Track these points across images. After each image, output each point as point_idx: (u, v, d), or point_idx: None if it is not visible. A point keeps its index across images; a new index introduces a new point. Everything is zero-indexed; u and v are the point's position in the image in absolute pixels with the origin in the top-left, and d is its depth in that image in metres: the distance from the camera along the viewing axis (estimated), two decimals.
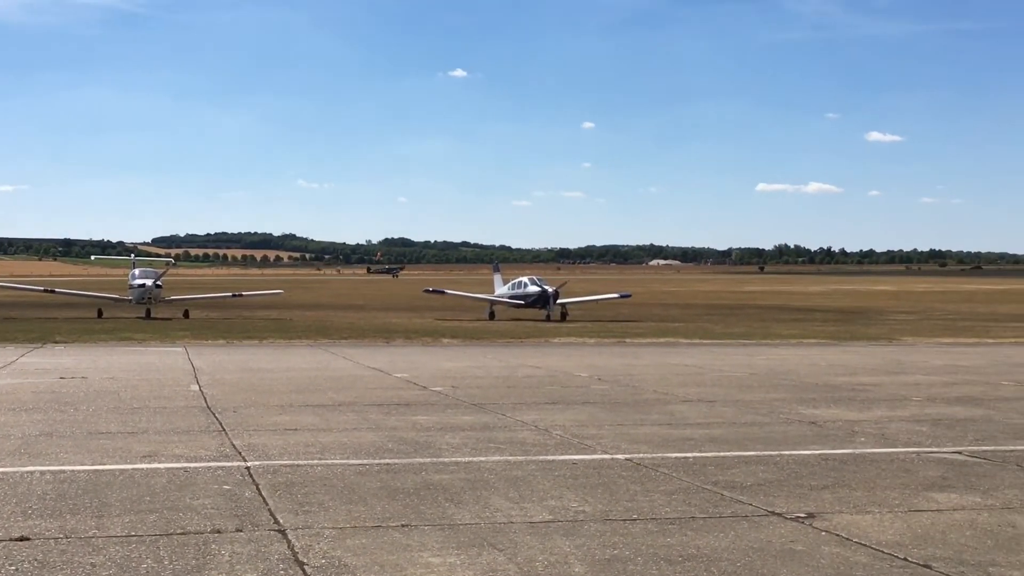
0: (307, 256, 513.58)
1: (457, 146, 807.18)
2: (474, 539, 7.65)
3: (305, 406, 15.50)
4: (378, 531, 7.85)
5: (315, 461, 10.84)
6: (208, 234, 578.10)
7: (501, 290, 59.40)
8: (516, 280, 58.17)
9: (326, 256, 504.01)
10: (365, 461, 10.85)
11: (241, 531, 7.81)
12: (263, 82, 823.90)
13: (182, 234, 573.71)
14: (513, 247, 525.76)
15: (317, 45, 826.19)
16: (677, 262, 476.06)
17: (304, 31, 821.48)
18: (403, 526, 8.01)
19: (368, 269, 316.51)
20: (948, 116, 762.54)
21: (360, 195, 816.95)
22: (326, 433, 12.79)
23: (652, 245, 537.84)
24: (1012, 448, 12.04)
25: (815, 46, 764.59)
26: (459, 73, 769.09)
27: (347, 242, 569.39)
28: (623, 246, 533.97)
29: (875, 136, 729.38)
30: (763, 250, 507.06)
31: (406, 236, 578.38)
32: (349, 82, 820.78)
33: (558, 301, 53.52)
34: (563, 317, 52.33)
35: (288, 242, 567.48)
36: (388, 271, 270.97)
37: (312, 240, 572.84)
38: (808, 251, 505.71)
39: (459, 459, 11.05)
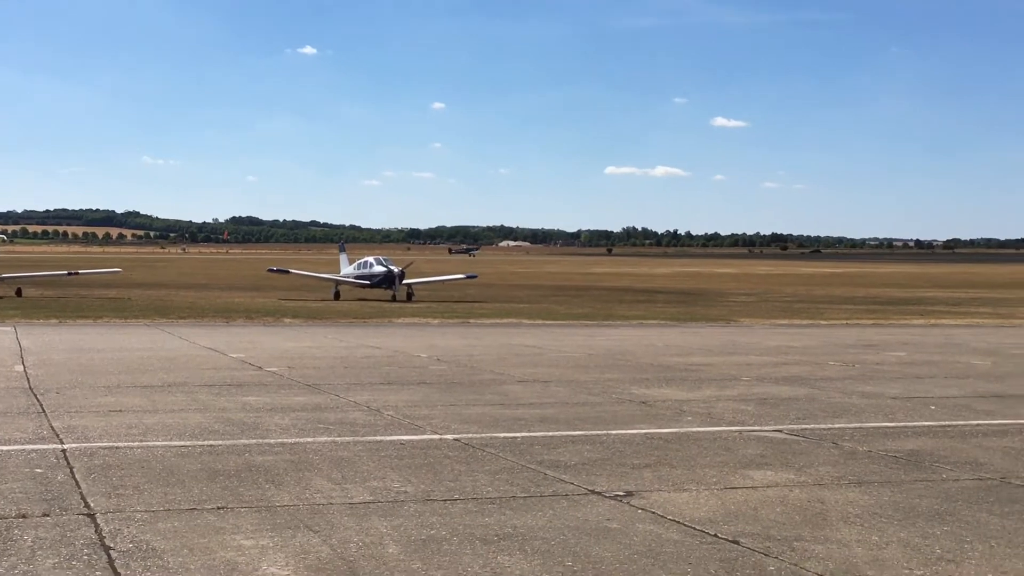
0: (151, 234, 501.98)
1: (307, 124, 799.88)
2: (290, 521, 7.55)
3: (133, 387, 15.12)
4: (192, 514, 7.69)
5: (136, 443, 10.58)
6: (48, 210, 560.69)
7: (347, 270, 58.88)
8: (362, 260, 57.70)
9: (171, 234, 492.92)
10: (188, 443, 10.63)
11: (48, 515, 7.57)
12: (107, 57, 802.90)
13: (20, 210, 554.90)
14: (363, 227, 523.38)
15: (164, 20, 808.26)
16: (527, 243, 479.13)
17: (151, 5, 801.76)
18: (219, 508, 7.87)
19: (450, 250, 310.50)
20: (791, 103, 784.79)
21: (207, 173, 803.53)
22: (151, 415, 12.49)
23: (503, 226, 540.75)
24: (829, 426, 12.41)
25: (665, 32, 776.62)
26: (308, 50, 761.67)
27: (193, 220, 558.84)
28: (474, 227, 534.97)
29: (721, 121, 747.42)
30: (611, 232, 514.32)
31: (254, 215, 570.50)
32: (196, 58, 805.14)
33: (404, 281, 53.29)
34: (409, 298, 52.13)
35: (131, 219, 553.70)
36: (466, 251, 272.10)
37: (157, 218, 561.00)
38: (655, 233, 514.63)
39: (286, 440, 10.91)
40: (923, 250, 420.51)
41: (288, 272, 64.08)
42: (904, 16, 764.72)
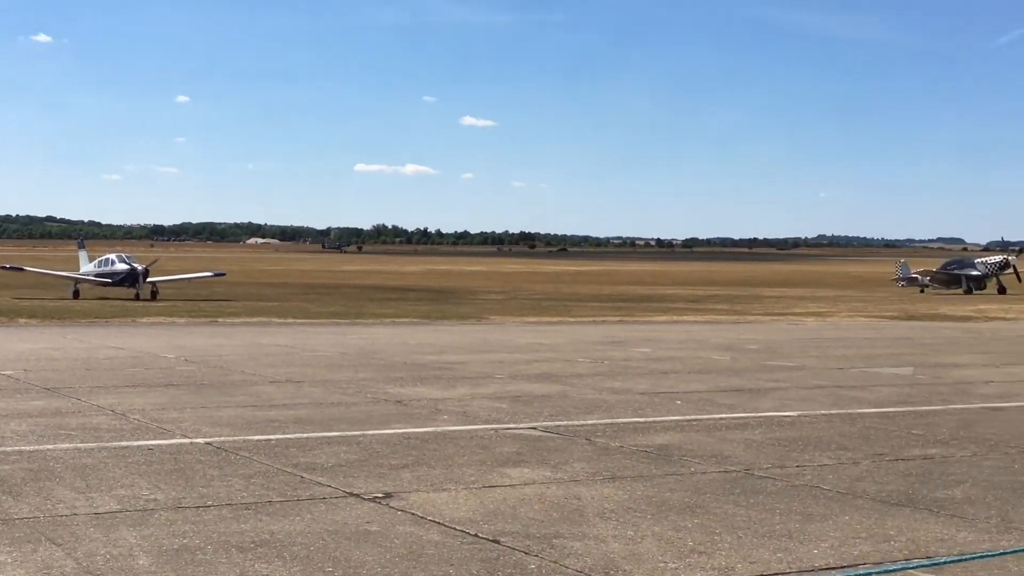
0: None
1: (41, 116, 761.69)
2: (30, 534, 7.13)
3: None
4: None
5: None
6: None
7: (87, 268, 56.63)
8: (103, 257, 55.63)
9: None
10: None
11: None
12: None
13: None
14: (103, 223, 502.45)
15: None
16: (276, 241, 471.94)
17: None
18: None
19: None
20: (537, 104, 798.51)
21: None
22: None
23: (250, 223, 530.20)
24: (582, 422, 12.64)
25: (410, 30, 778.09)
26: (43, 38, 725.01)
27: None
28: (220, 224, 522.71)
29: (469, 120, 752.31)
30: (362, 230, 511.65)
31: None
32: None
33: (148, 279, 51.65)
34: (153, 296, 50.53)
35: None
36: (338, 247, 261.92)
37: None
38: (406, 231, 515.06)
39: (23, 448, 10.34)
40: (664, 249, 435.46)
41: (22, 269, 61.21)
42: (646, 20, 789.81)
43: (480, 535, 7.36)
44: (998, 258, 77.17)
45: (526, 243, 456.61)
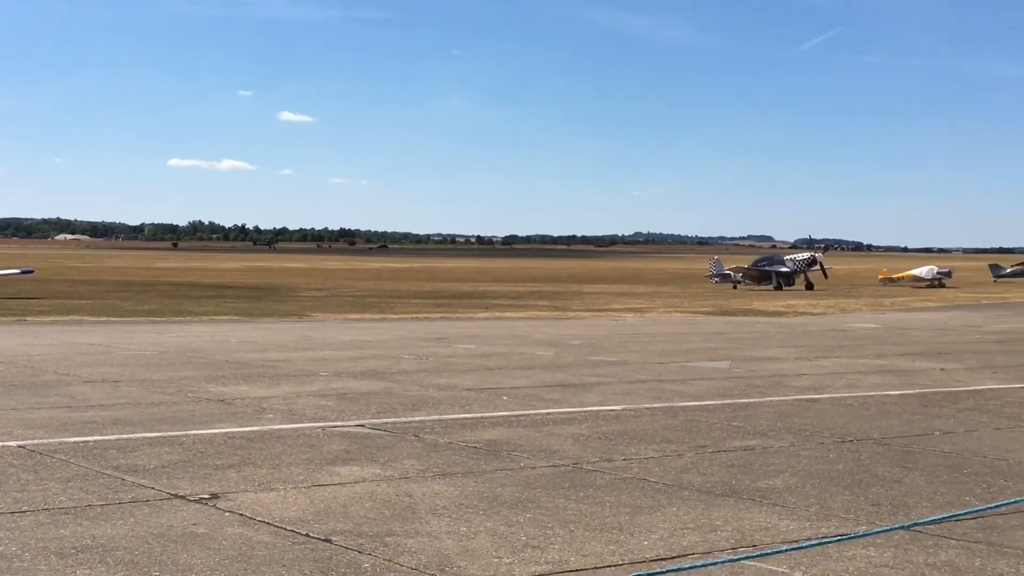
0: None
1: None
2: None
3: None
4: None
5: None
6: None
7: None
8: None
9: None
10: None
11: None
12: None
13: None
14: None
15: None
16: (86, 237, 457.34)
17: None
18: None
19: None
20: (356, 100, 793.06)
21: None
22: None
23: (59, 219, 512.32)
24: (410, 419, 12.58)
25: (222, 22, 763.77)
26: None
27: None
28: (27, 219, 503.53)
29: (287, 116, 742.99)
30: (177, 226, 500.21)
31: None
32: None
33: None
34: None
35: None
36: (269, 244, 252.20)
37: None
38: (223, 228, 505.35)
39: None
40: (484, 246, 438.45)
41: None
42: (463, 19, 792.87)
43: (311, 535, 7.25)
44: (806, 255, 79.95)
45: (346, 240, 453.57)
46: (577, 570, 6.62)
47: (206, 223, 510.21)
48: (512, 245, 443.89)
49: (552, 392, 15.53)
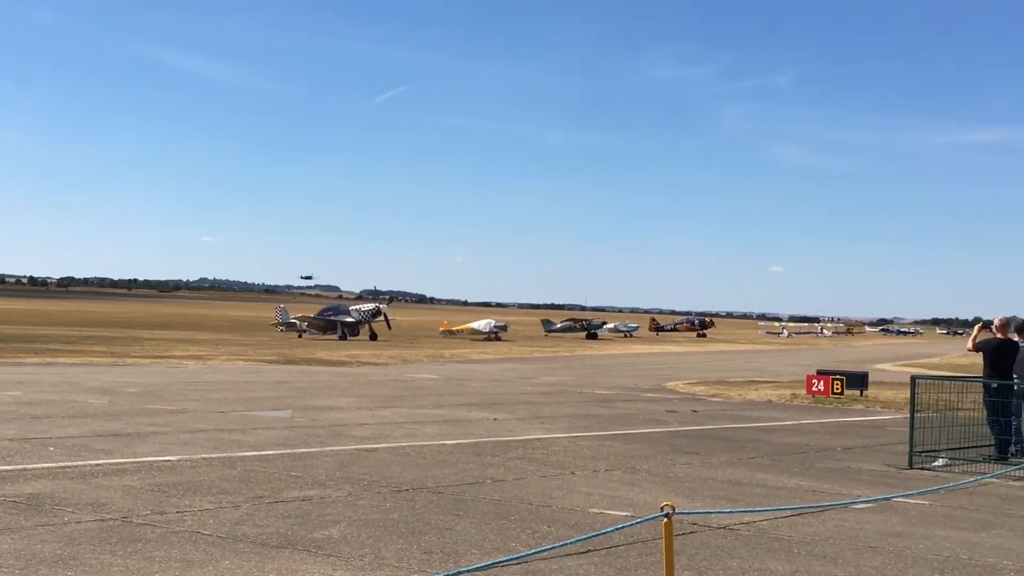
0: None
1: None
2: None
3: None
4: None
5: None
6: None
7: None
8: None
9: None
10: None
11: None
12: None
13: None
14: None
15: None
16: None
17: None
18: None
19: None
20: None
21: None
22: None
23: None
24: None
25: None
26: None
27: None
28: None
29: None
30: None
31: None
32: None
33: None
34: None
35: None
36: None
37: None
38: None
39: None
40: (37, 287, 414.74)
41: None
42: (25, 49, 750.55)
43: None
44: (370, 306, 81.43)
45: None
46: None
47: None
48: (68, 287, 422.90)
49: (104, 442, 14.83)
